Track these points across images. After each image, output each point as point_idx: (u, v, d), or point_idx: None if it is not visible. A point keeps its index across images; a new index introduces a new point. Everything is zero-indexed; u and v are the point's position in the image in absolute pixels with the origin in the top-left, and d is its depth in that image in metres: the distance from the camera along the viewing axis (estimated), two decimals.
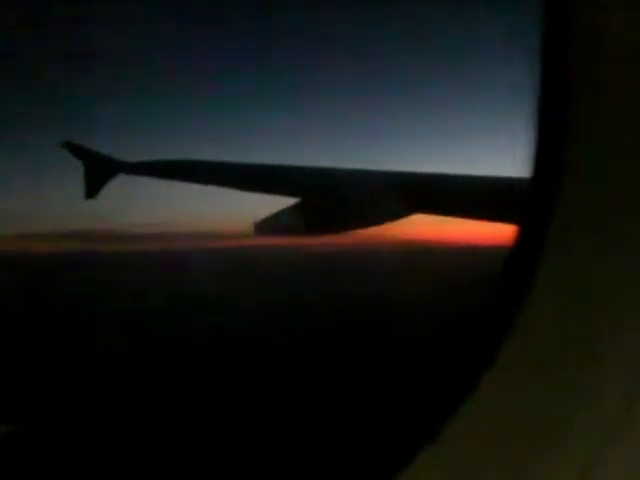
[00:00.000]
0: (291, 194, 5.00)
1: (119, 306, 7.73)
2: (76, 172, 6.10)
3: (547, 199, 1.17)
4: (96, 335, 6.57)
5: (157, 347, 6.32)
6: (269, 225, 5.12)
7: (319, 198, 5.07)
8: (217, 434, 4.39)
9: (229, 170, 5.75)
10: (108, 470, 3.86)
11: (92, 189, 6.05)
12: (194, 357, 5.92)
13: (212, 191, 6.24)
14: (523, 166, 1.27)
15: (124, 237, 9.58)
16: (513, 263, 1.31)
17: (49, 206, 9.15)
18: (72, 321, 7.07)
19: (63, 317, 7.19)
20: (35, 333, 6.38)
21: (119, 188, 6.44)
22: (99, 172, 6.01)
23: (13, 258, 8.99)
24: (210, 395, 5.03)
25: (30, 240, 9.31)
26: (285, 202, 5.03)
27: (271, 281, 8.57)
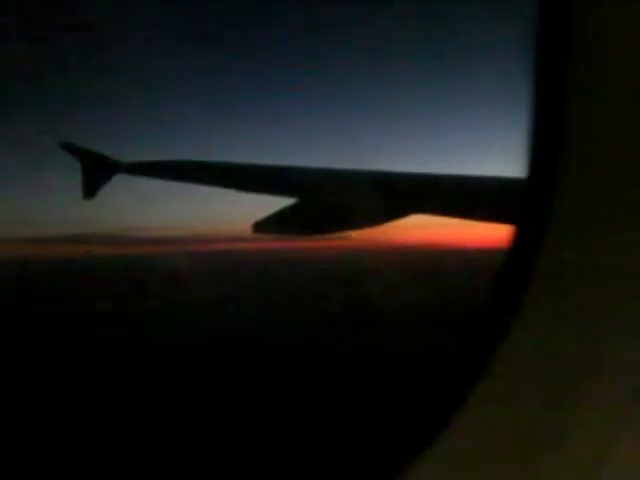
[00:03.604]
0: (287, 194, 4.99)
1: (118, 309, 7.74)
2: (76, 173, 6.11)
3: (543, 199, 1.15)
4: (96, 337, 6.58)
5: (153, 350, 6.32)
6: (267, 224, 5.10)
7: (314, 198, 5.07)
8: (214, 435, 4.40)
9: (228, 170, 5.73)
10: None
11: (90, 189, 6.04)
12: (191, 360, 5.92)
13: (212, 192, 6.23)
14: (521, 166, 1.25)
15: (124, 240, 9.58)
16: (509, 265, 1.29)
17: (48, 209, 9.14)
18: (74, 323, 7.09)
19: (65, 319, 7.20)
20: (37, 335, 6.39)
21: (118, 189, 6.45)
22: (97, 172, 6.00)
23: (13, 263, 8.98)
24: (209, 398, 5.03)
25: (30, 244, 9.30)
26: (284, 202, 5.04)
27: (265, 285, 8.59)
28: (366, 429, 3.74)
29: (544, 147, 1.15)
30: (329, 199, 5.03)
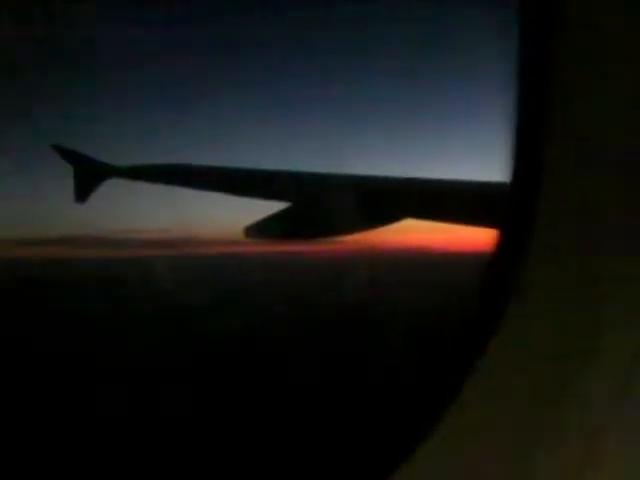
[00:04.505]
0: (280, 199, 5.00)
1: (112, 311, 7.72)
2: (68, 176, 6.08)
3: (528, 201, 1.16)
4: (86, 337, 6.56)
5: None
6: (260, 229, 5.11)
7: (308, 203, 5.08)
8: (212, 433, 4.40)
9: (221, 174, 5.74)
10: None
11: (82, 193, 6.02)
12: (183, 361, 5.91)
13: (205, 196, 6.22)
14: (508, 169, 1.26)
15: (118, 243, 9.53)
16: (496, 267, 1.30)
17: (39, 211, 9.08)
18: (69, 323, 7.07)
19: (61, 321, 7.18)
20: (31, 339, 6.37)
21: (111, 192, 6.43)
22: (89, 176, 5.98)
23: (4, 264, 8.93)
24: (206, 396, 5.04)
25: (20, 246, 9.25)
26: (276, 207, 5.05)
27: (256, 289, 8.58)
28: (354, 430, 3.74)
29: (529, 150, 1.16)
30: (321, 204, 5.04)
